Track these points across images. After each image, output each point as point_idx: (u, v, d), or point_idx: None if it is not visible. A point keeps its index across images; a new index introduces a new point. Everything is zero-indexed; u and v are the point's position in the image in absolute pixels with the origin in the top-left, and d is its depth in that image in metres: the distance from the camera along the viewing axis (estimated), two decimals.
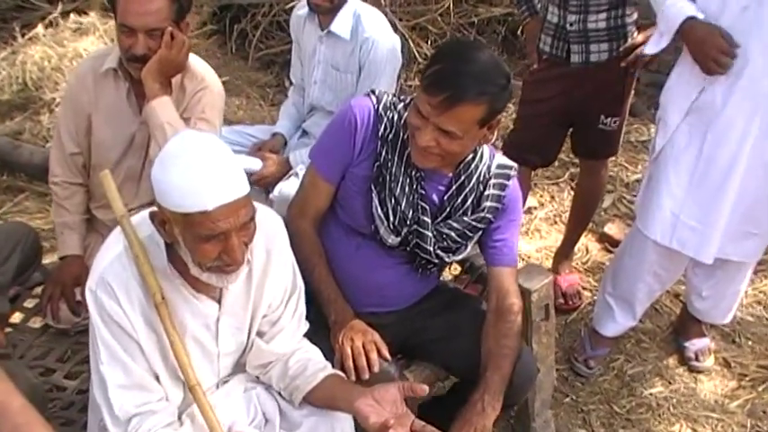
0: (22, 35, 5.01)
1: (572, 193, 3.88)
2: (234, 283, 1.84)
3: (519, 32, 5.17)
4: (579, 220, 3.51)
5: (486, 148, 2.21)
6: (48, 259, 2.97)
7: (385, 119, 2.16)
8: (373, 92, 2.22)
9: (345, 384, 1.98)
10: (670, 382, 3.11)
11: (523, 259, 3.77)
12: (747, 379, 3.14)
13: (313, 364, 2.01)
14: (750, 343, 3.33)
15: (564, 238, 3.60)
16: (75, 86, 2.66)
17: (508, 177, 2.23)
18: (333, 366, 2.07)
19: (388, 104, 2.18)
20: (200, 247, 1.69)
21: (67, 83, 2.88)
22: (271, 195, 3.01)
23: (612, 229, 3.92)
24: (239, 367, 2.09)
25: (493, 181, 2.20)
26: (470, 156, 2.17)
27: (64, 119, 2.70)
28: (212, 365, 2.00)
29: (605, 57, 2.91)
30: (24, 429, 1.60)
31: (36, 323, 2.77)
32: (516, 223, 2.29)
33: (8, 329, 2.71)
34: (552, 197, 4.28)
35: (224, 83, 5.24)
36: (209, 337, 1.95)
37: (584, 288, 3.57)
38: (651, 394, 3.04)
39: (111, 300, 1.79)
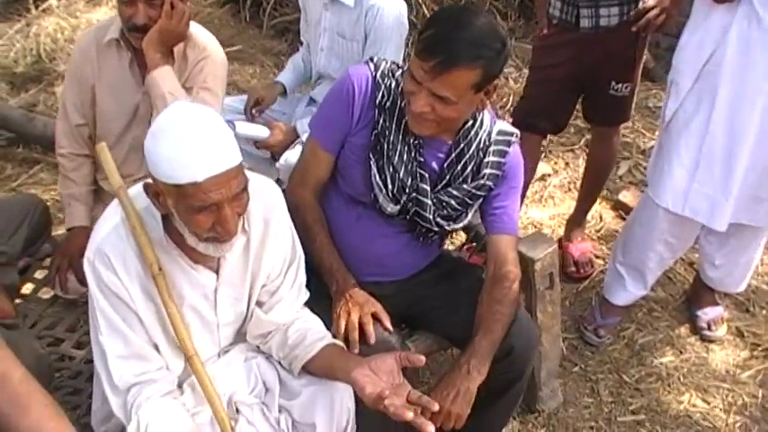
0: (36, 7, 5.03)
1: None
2: (230, 253, 1.85)
3: None
4: (591, 188, 3.46)
5: (486, 115, 2.18)
6: (59, 231, 3.00)
7: (383, 86, 2.13)
8: (371, 59, 2.19)
9: (343, 354, 1.98)
10: (681, 352, 3.08)
11: (536, 227, 3.75)
12: (760, 349, 3.10)
13: (312, 334, 2.00)
14: (764, 312, 3.28)
15: (576, 206, 3.56)
16: (78, 58, 2.66)
17: (509, 144, 2.20)
18: (333, 336, 2.07)
19: (386, 72, 2.15)
20: (193, 219, 1.69)
21: (71, 54, 2.87)
22: (277, 164, 3.00)
23: (627, 196, 3.86)
24: (240, 337, 2.10)
25: (493, 148, 2.18)
26: (470, 122, 2.14)
27: (69, 91, 2.71)
28: (212, 336, 2.01)
29: (615, 21, 2.85)
30: (24, 399, 1.63)
31: (46, 294, 2.80)
32: (517, 191, 2.26)
33: (18, 300, 2.74)
34: (567, 164, 4.23)
35: (237, 51, 5.32)
36: (207, 308, 1.95)
37: (596, 256, 3.53)
38: (661, 363, 3.02)
39: (109, 271, 1.80)
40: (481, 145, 2.17)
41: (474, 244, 2.72)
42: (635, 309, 3.24)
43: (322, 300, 2.16)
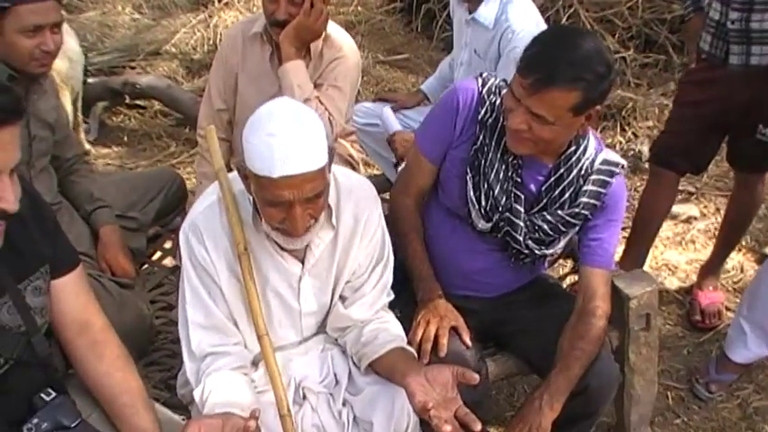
0: (219, 0, 5.36)
1: None
2: (316, 247, 1.93)
3: None
4: (729, 235, 3.29)
5: (591, 141, 2.14)
6: None
7: (487, 102, 2.14)
8: (481, 74, 2.20)
9: (408, 360, 1.99)
10: None
11: (671, 270, 3.61)
12: None
13: (385, 334, 2.03)
14: None
15: (712, 253, 3.39)
16: (226, 47, 2.85)
17: (612, 175, 2.14)
18: (408, 343, 2.09)
19: (493, 88, 2.16)
20: (265, 209, 1.78)
21: (220, 44, 3.07)
22: (399, 168, 3.06)
23: None
24: (323, 328, 2.16)
25: (594, 177, 2.13)
26: (573, 147, 2.11)
27: (214, 77, 2.90)
28: (295, 323, 2.08)
29: (766, 61, 2.69)
30: (100, 347, 1.79)
31: (170, 263, 3.00)
32: (616, 224, 2.19)
33: (145, 265, 2.96)
34: (718, 209, 4.02)
35: (404, 60, 5.44)
36: (291, 295, 2.03)
37: (728, 309, 3.34)
38: None
39: (200, 244, 1.92)
40: (582, 172, 2.12)
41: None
42: (756, 370, 3.03)
43: (409, 306, 2.19)
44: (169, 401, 2.25)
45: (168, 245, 3.05)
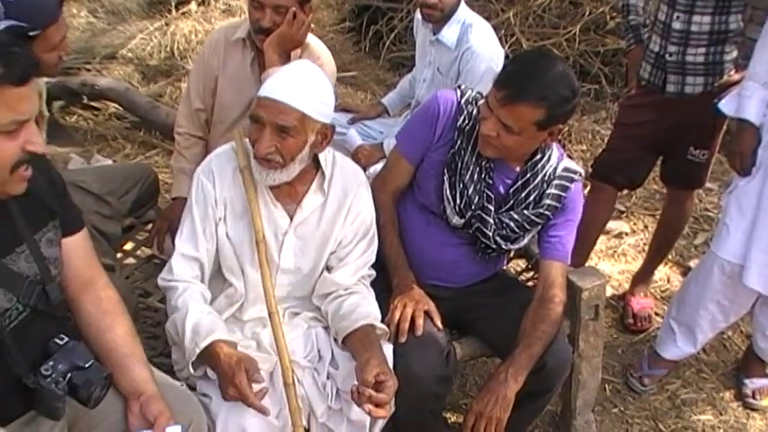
0: (177, 9, 5.49)
1: None
2: (265, 182, 2.15)
3: None
4: (660, 247, 3.60)
5: (555, 152, 2.40)
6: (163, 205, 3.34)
7: (465, 111, 2.39)
8: (459, 86, 2.45)
9: (368, 338, 2.18)
10: (721, 413, 3.16)
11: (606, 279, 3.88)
12: None
13: (360, 310, 2.24)
14: None
15: (643, 263, 3.69)
16: (207, 50, 3.00)
17: (571, 180, 2.41)
18: (387, 325, 2.29)
19: (470, 99, 2.41)
20: (250, 127, 2.09)
21: (201, 46, 3.23)
22: (366, 173, 3.27)
23: None
24: (305, 304, 2.36)
25: (556, 182, 2.39)
26: (539, 156, 2.37)
27: (194, 77, 3.05)
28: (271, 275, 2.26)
29: (699, 90, 3.01)
30: (104, 303, 1.96)
31: (143, 253, 3.13)
32: (573, 224, 2.46)
33: (119, 255, 3.08)
34: (646, 226, 4.35)
35: (353, 77, 5.65)
36: (274, 246, 2.25)
37: (656, 314, 3.64)
38: (699, 420, 3.11)
39: (208, 181, 2.20)
40: (546, 177, 2.39)
41: (533, 273, 2.91)
42: (684, 367, 3.34)
43: (384, 292, 2.39)
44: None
45: (140, 236, 3.18)
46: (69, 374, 1.73)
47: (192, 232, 2.21)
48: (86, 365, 1.76)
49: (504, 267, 2.82)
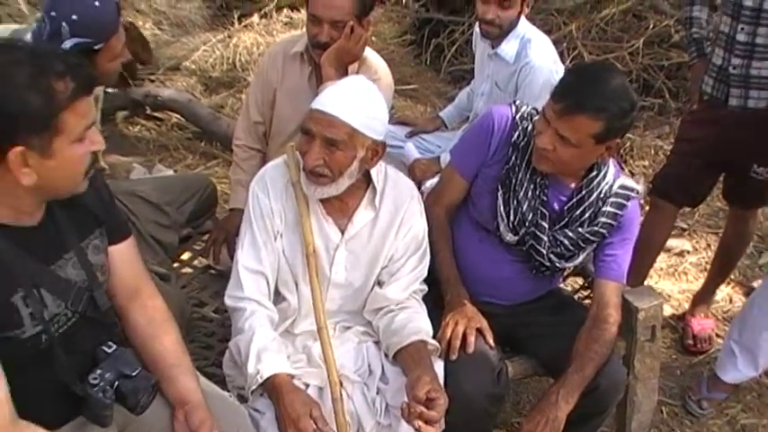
0: (239, 22, 5.57)
1: None
2: (314, 195, 2.15)
3: None
4: (721, 267, 3.51)
5: (611, 168, 2.36)
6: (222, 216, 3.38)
7: (520, 127, 2.37)
8: (514, 102, 2.43)
9: (419, 354, 2.17)
10: None
11: (665, 298, 3.79)
12: None
13: (412, 326, 2.23)
14: None
15: (704, 283, 3.61)
16: (266, 64, 3.04)
17: (628, 198, 2.37)
18: (438, 341, 2.28)
19: (525, 115, 2.38)
20: (300, 138, 2.11)
21: (261, 60, 3.27)
22: (422, 188, 3.26)
23: None
24: (357, 318, 2.36)
25: (612, 199, 2.35)
26: (595, 172, 2.34)
27: (253, 91, 3.09)
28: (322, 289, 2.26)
29: (763, 104, 2.93)
30: (150, 312, 1.99)
31: (200, 263, 3.18)
32: (629, 242, 2.42)
33: (176, 264, 3.13)
34: (708, 245, 4.25)
35: (413, 90, 5.66)
36: (325, 261, 2.25)
37: (717, 335, 3.55)
38: None
39: (264, 194, 2.21)
40: (602, 195, 2.35)
41: (590, 291, 2.86)
42: (745, 391, 3.25)
43: (436, 308, 2.38)
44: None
45: (198, 246, 3.22)
46: (116, 383, 1.76)
47: (253, 245, 2.22)
48: (133, 374, 1.79)
49: (561, 285, 2.78)
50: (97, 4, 2.29)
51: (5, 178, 1.56)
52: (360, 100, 2.09)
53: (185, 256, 3.20)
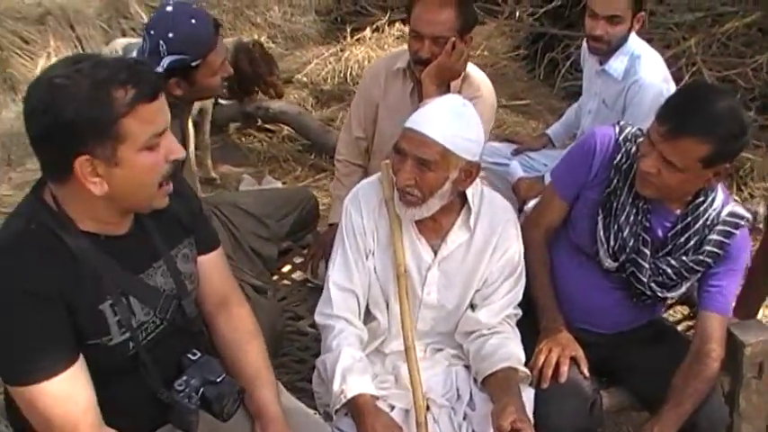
0: (352, 36, 5.64)
1: None
2: (406, 216, 2.13)
3: None
4: None
5: (720, 194, 2.24)
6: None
7: (623, 149, 2.27)
8: (618, 123, 2.33)
9: (508, 382, 2.12)
10: None
11: None
12: None
13: (503, 351, 2.17)
14: None
15: None
16: (369, 80, 3.05)
17: (737, 226, 2.23)
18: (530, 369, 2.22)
19: (629, 136, 2.28)
20: (393, 157, 2.08)
21: (363, 76, 3.29)
22: (525, 208, 3.20)
23: None
24: (449, 341, 2.32)
25: (720, 227, 2.23)
26: (701, 198, 2.22)
27: (356, 106, 3.11)
28: (412, 310, 2.23)
29: None
30: (236, 321, 2.00)
31: (299, 276, 3.21)
32: (737, 273, 2.29)
33: (275, 277, 3.17)
34: None
35: (525, 105, 5.59)
36: (417, 281, 2.23)
37: None
38: None
39: (357, 213, 2.21)
40: (708, 222, 2.23)
41: (695, 321, 2.72)
42: None
43: (531, 334, 2.31)
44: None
45: (297, 259, 3.25)
46: (202, 389, 1.78)
47: (344, 263, 2.22)
48: (218, 380, 1.80)
49: (664, 314, 2.66)
50: (193, 21, 2.35)
51: (81, 190, 1.58)
52: (454, 120, 2.04)
53: (285, 268, 3.24)
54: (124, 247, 1.70)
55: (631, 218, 2.26)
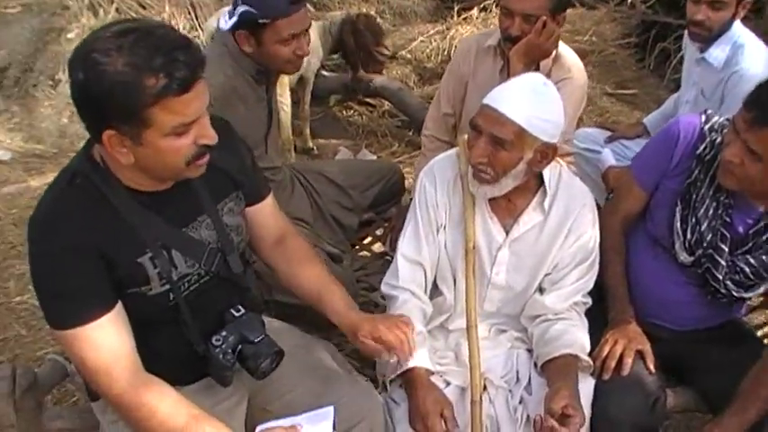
0: (459, 15, 5.59)
1: None
2: (477, 193, 2.11)
3: None
4: None
5: None
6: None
7: (707, 139, 2.17)
8: (705, 111, 2.23)
9: (566, 368, 2.08)
10: None
11: None
12: None
13: (566, 338, 2.13)
14: None
15: None
16: (459, 56, 3.02)
17: None
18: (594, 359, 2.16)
19: (716, 126, 2.18)
20: (470, 132, 2.05)
21: (454, 52, 3.26)
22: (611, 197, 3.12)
23: None
24: (514, 323, 2.30)
25: None
26: None
27: (446, 82, 3.09)
28: (480, 290, 2.23)
29: None
30: (295, 253, 2.08)
31: (379, 248, 3.23)
32: None
33: (356, 247, 3.21)
34: None
35: (632, 95, 5.43)
36: (487, 260, 2.20)
37: None
38: None
39: (431, 186, 2.21)
40: None
41: None
42: None
43: (599, 324, 2.26)
44: (359, 372, 2.44)
45: (380, 232, 3.28)
46: (239, 346, 1.83)
47: (414, 235, 2.22)
48: (256, 340, 1.84)
49: (744, 316, 2.54)
50: None
51: (113, 155, 1.61)
52: (533, 99, 1.98)
53: (366, 240, 3.27)
54: (168, 202, 1.74)
55: (711, 212, 2.16)
